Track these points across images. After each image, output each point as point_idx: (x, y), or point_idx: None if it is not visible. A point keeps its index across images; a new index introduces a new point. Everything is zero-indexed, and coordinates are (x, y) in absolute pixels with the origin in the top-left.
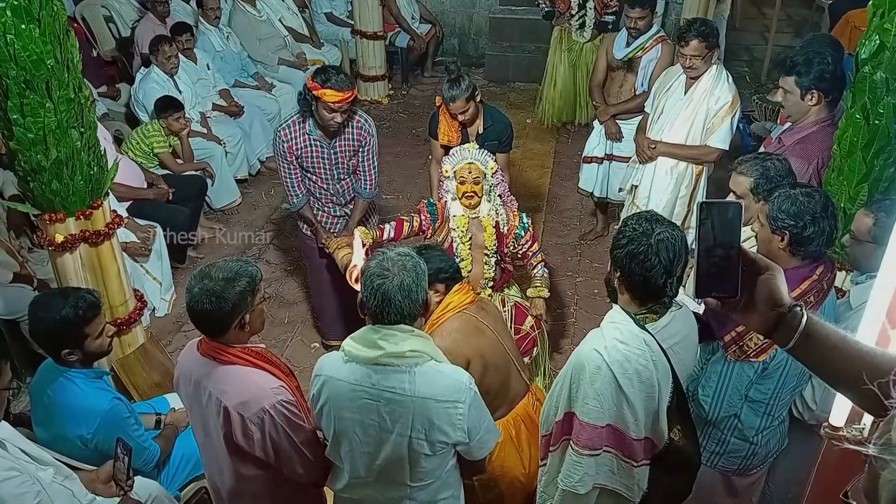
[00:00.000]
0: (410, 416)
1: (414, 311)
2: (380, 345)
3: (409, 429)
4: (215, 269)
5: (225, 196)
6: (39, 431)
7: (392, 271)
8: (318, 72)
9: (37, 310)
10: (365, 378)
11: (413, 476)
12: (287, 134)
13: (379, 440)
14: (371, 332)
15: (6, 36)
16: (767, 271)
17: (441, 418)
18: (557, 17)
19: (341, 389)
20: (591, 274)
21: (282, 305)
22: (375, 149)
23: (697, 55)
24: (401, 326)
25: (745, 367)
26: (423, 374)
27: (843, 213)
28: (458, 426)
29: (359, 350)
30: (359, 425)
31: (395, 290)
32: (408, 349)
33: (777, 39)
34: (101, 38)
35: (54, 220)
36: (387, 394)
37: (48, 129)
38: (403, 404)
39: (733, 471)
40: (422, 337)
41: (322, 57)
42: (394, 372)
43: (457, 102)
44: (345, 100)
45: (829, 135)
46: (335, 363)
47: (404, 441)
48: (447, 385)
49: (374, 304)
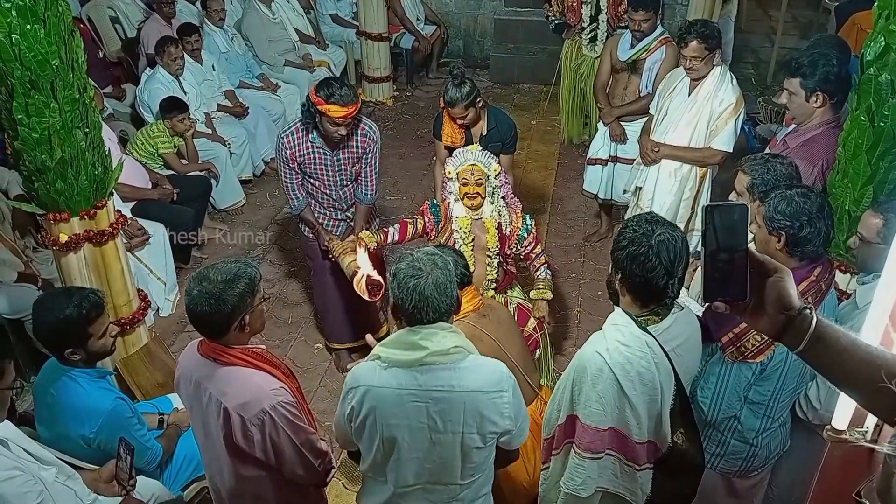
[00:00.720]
0: (461, 412)
1: (450, 308)
2: (423, 345)
3: (461, 425)
4: (214, 271)
5: (229, 197)
6: (42, 430)
7: (425, 270)
8: (322, 85)
9: (40, 309)
10: (410, 381)
11: (464, 473)
12: (290, 141)
13: (429, 442)
14: (410, 335)
15: (11, 36)
16: (776, 273)
17: (490, 409)
18: (568, 31)
19: (386, 396)
20: (594, 276)
21: (285, 306)
22: (378, 155)
23: (697, 56)
24: (440, 324)
25: (743, 368)
26: (468, 369)
27: (848, 215)
28: (506, 414)
29: (399, 354)
30: (407, 430)
31: (431, 288)
32: (451, 346)
33: (783, 41)
34: (107, 38)
35: (59, 220)
36: (435, 393)
37: (53, 129)
38: (453, 401)
39: (734, 473)
40: (457, 333)
41: (327, 58)
42: (440, 370)
43: (456, 108)
44: (349, 114)
45: (833, 137)
46: (372, 372)
47: (457, 438)
48: (491, 376)
49: (411, 304)
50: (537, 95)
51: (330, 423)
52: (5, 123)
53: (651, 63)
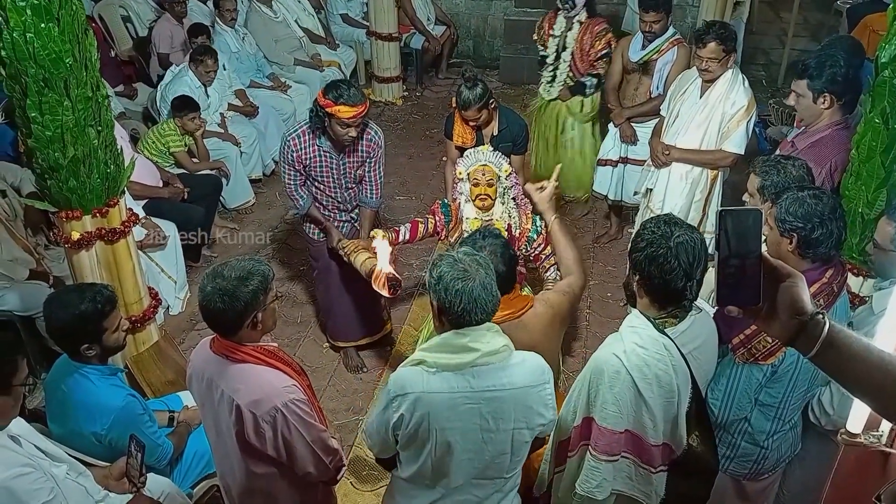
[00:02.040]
0: (512, 409)
1: (496, 308)
2: (474, 347)
3: (512, 421)
4: (228, 269)
5: (239, 196)
6: (54, 427)
7: (471, 272)
8: (329, 88)
9: (53, 306)
10: (462, 384)
11: (510, 467)
12: (296, 144)
13: (481, 442)
14: (457, 337)
15: (26, 34)
16: (789, 278)
17: (537, 402)
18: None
19: (439, 402)
20: (604, 277)
21: (294, 305)
22: (382, 159)
23: (714, 58)
24: (485, 325)
25: (754, 370)
26: (515, 366)
27: (861, 218)
28: (550, 405)
29: (448, 358)
30: (460, 433)
31: (480, 289)
32: (501, 345)
33: (794, 43)
34: (119, 37)
35: (71, 218)
36: (487, 393)
37: (66, 127)
38: (504, 400)
39: (744, 475)
40: (500, 331)
41: (337, 58)
42: (491, 371)
43: (469, 111)
44: (359, 114)
45: (842, 138)
46: (420, 378)
47: (508, 435)
48: (535, 370)
49: (460, 307)
50: None
51: (340, 422)
52: (19, 121)
53: (662, 64)
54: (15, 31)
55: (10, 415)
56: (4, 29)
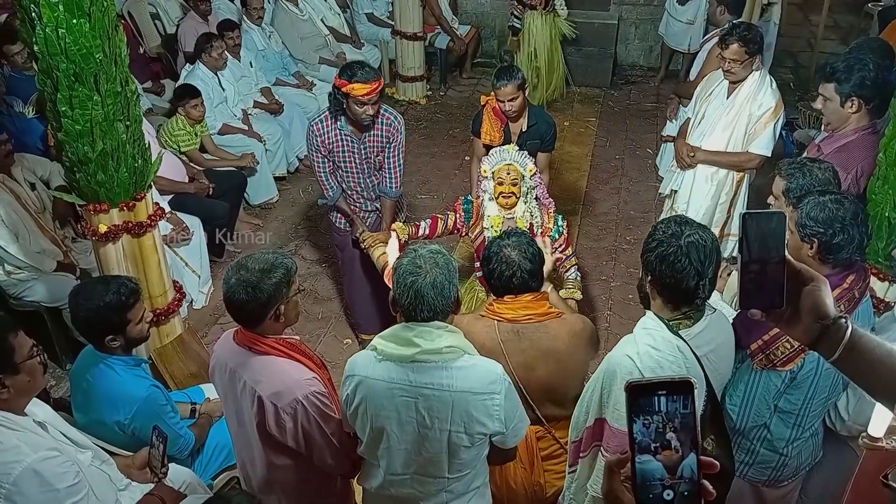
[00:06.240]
0: (450, 411)
1: (446, 308)
2: (416, 342)
3: (449, 423)
4: (252, 261)
5: (263, 193)
6: (79, 416)
7: (424, 268)
8: (344, 69)
9: (79, 298)
10: (402, 376)
11: (451, 468)
12: (319, 128)
13: (418, 437)
14: (405, 330)
15: (58, 30)
16: (812, 282)
17: (479, 410)
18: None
19: (378, 389)
20: (625, 279)
21: (316, 301)
22: (402, 146)
23: (737, 59)
24: (434, 323)
25: (773, 375)
26: (460, 369)
27: (888, 222)
28: (496, 416)
29: (393, 348)
30: (396, 423)
31: (428, 287)
32: (444, 345)
33: (823, 46)
34: (147, 34)
35: (98, 211)
36: (425, 390)
37: (95, 121)
38: (442, 400)
39: (763, 482)
40: (454, 332)
41: (362, 57)
42: (431, 368)
43: (508, 87)
44: (373, 90)
45: (869, 143)
46: (368, 363)
47: (444, 436)
48: (483, 377)
49: (406, 301)
50: (570, 96)
51: None
52: (50, 115)
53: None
54: (47, 26)
55: (30, 391)
56: (37, 24)
